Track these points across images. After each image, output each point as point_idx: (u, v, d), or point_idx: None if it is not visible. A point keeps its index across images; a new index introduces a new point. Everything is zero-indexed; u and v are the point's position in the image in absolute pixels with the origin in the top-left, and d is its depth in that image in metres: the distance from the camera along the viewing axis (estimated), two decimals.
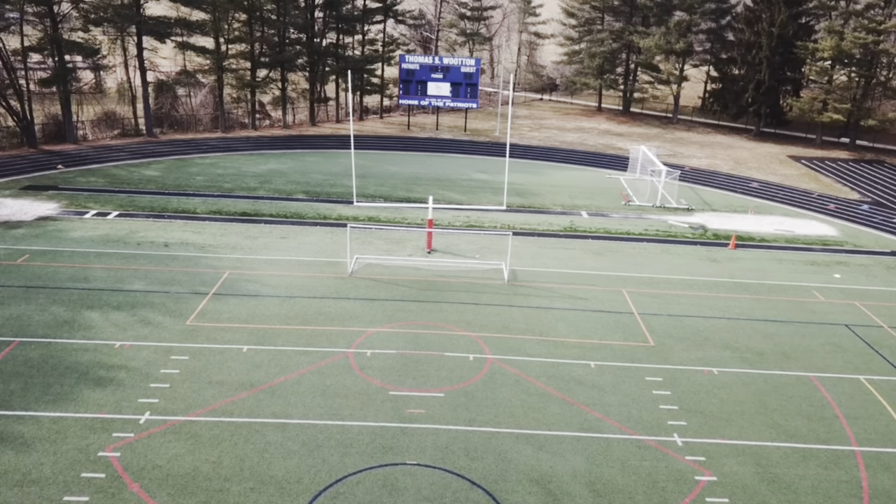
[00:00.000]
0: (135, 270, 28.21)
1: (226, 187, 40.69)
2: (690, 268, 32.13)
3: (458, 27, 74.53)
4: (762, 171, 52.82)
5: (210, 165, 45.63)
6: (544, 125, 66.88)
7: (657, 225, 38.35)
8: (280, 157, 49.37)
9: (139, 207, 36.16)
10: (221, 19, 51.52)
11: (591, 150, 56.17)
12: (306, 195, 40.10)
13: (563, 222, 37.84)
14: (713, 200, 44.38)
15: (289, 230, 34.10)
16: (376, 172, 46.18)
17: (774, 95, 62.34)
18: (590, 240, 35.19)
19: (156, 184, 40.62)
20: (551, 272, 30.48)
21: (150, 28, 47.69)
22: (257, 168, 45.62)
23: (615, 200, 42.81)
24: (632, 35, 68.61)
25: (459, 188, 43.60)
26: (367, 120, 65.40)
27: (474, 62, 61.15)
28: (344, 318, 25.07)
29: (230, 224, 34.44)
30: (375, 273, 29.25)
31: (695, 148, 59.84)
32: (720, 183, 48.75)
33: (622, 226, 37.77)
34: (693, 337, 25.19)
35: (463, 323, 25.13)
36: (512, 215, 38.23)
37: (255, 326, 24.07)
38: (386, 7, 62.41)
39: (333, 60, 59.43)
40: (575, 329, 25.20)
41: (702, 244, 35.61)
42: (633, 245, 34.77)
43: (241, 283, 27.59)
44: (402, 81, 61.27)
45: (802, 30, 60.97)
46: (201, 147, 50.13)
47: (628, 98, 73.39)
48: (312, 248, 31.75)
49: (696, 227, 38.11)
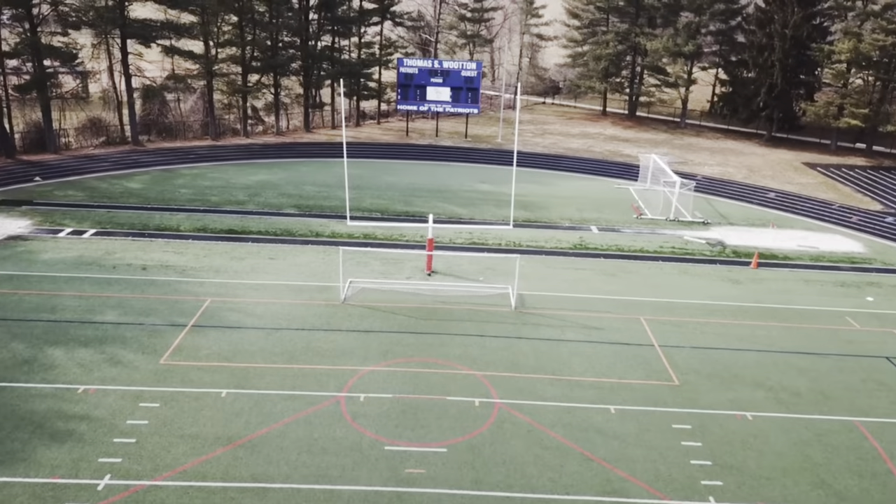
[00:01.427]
0: (108, 298, 25.80)
1: (213, 201, 38.27)
2: (711, 290, 29.74)
3: (459, 29, 72.12)
4: (777, 180, 50.44)
5: (197, 176, 43.21)
6: (548, 131, 64.49)
7: (672, 241, 35.96)
8: (272, 166, 46.96)
9: (118, 224, 33.74)
10: (211, 22, 49.12)
11: (597, 158, 53.79)
12: (298, 209, 37.69)
13: (573, 238, 35.46)
14: (729, 213, 41.99)
15: (278, 250, 31.69)
16: (373, 183, 43.79)
17: (787, 99, 59.96)
18: (601, 259, 32.80)
19: (138, 197, 38.20)
20: (562, 297, 28.09)
21: (135, 31, 45.27)
22: (247, 179, 43.20)
23: (626, 213, 40.42)
24: (638, 37, 66.24)
25: (461, 200, 41.21)
26: (364, 126, 62.99)
27: (475, 66, 58.81)
28: (335, 354, 22.67)
29: (215, 243, 32.02)
30: (371, 299, 26.86)
31: (705, 154, 57.47)
32: (735, 193, 46.37)
33: (635, 242, 35.38)
34: (721, 373, 22.81)
35: (467, 359, 22.73)
36: (518, 231, 35.85)
37: (237, 365, 21.67)
38: (383, 8, 59.99)
39: (328, 64, 57.03)
40: (591, 365, 22.81)
41: (721, 263, 33.23)
42: (648, 265, 32.37)
43: (224, 312, 25.19)
44: (401, 86, 58.91)
45: (817, 31, 58.60)
46: (189, 156, 47.72)
47: (634, 102, 71.01)
48: (303, 271, 29.35)
49: (713, 243, 35.72)
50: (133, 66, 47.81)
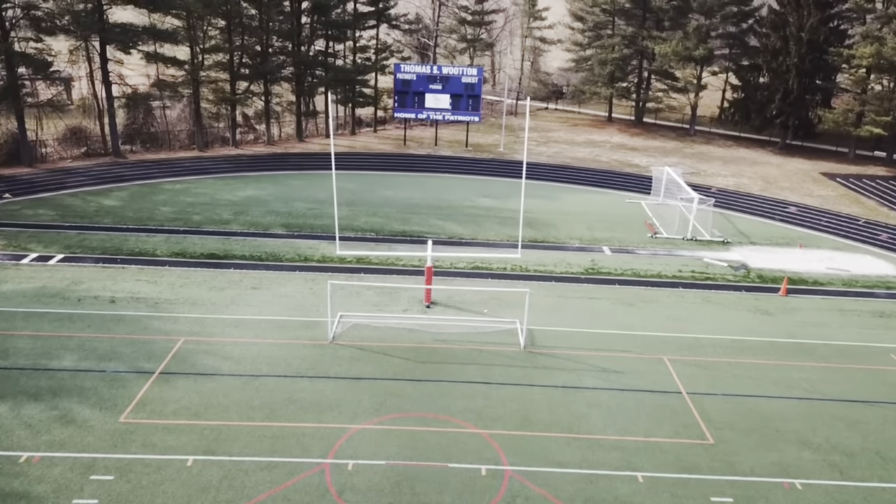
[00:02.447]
0: (68, 339, 23.01)
1: (195, 220, 35.46)
2: (739, 323, 26.97)
3: (459, 33, 69.33)
4: (796, 192, 47.71)
5: (180, 192, 40.40)
6: (552, 138, 61.74)
7: (692, 264, 33.20)
8: (261, 180, 44.15)
9: (89, 248, 30.93)
10: (196, 27, 46.34)
11: (605, 169, 51.04)
12: (286, 229, 34.89)
13: (584, 261, 32.69)
14: (749, 230, 39.23)
15: (262, 277, 28.89)
16: (368, 199, 41.01)
17: (803, 106, 57.23)
18: (616, 286, 30.02)
19: (114, 216, 35.38)
20: (576, 332, 25.32)
21: (114, 37, 42.45)
22: (234, 195, 40.40)
23: (640, 232, 37.65)
24: (645, 40, 63.51)
25: (462, 218, 38.43)
26: (359, 134, 60.22)
27: (476, 72, 55.97)
28: (321, 408, 19.89)
29: (194, 270, 29.22)
30: (363, 337, 24.08)
31: (718, 164, 54.73)
32: (752, 207, 43.61)
33: (652, 266, 32.61)
34: (760, 428, 20.05)
35: (471, 414, 19.95)
36: (524, 253, 33.03)
37: (208, 423, 18.88)
38: (379, 11, 57.21)
39: (322, 70, 54.23)
40: (612, 419, 20.04)
41: (747, 289, 30.47)
42: (667, 292, 29.60)
43: (197, 356, 22.39)
44: (398, 93, 56.04)
45: (834, 34, 55.90)
46: (173, 168, 44.91)
47: (641, 108, 68.27)
48: (289, 303, 26.55)
49: (736, 266, 32.96)
50: (114, 73, 45.01)
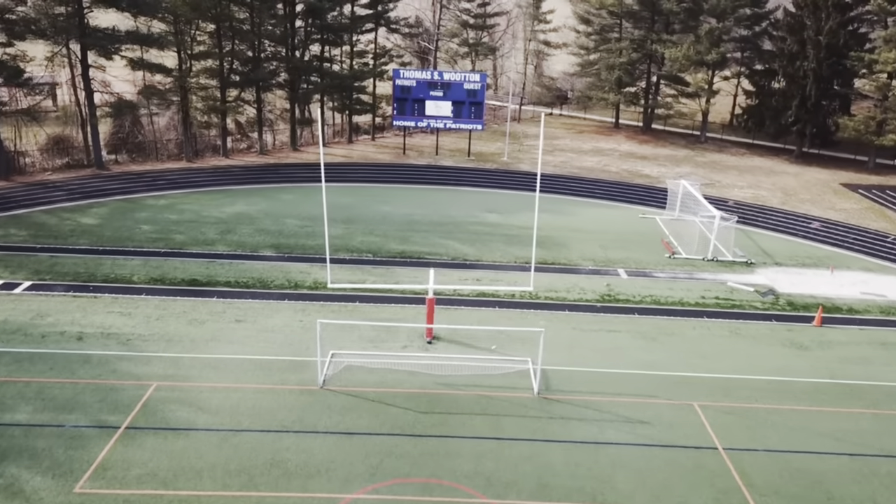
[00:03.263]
0: (26, 385, 20.47)
1: (177, 241, 32.88)
2: (773, 360, 24.42)
3: (461, 36, 66.76)
4: (817, 205, 45.16)
5: (164, 208, 37.81)
6: (558, 146, 59.19)
7: (715, 288, 30.63)
8: (251, 194, 41.57)
9: (60, 274, 28.36)
10: (184, 32, 43.78)
11: (615, 180, 48.48)
12: (276, 251, 32.32)
13: (599, 286, 30.13)
14: (772, 248, 36.67)
15: (248, 308, 26.32)
16: (365, 215, 38.45)
17: (821, 113, 54.70)
18: (636, 315, 27.45)
19: (90, 237, 32.80)
20: (594, 373, 22.77)
21: (95, 42, 39.90)
22: (221, 211, 37.82)
23: (656, 251, 35.09)
24: (655, 44, 60.97)
25: (465, 236, 35.86)
26: (357, 142, 57.68)
27: (479, 78, 53.32)
28: (308, 472, 17.32)
29: (173, 300, 26.65)
30: (357, 381, 21.53)
31: (733, 174, 52.18)
32: (773, 221, 41.06)
33: (672, 291, 30.04)
34: (811, 494, 17.50)
35: (481, 479, 17.38)
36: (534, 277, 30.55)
37: (177, 494, 16.32)
38: (377, 14, 54.71)
39: (317, 77, 51.68)
40: (641, 483, 17.49)
41: (777, 318, 27.91)
42: (691, 323, 27.03)
43: (170, 406, 19.84)
44: (397, 100, 53.35)
45: (854, 39, 53.38)
46: (158, 182, 42.35)
47: (650, 114, 65.72)
48: (275, 339, 23.99)
49: (764, 291, 30.39)
50: (96, 80, 42.48)
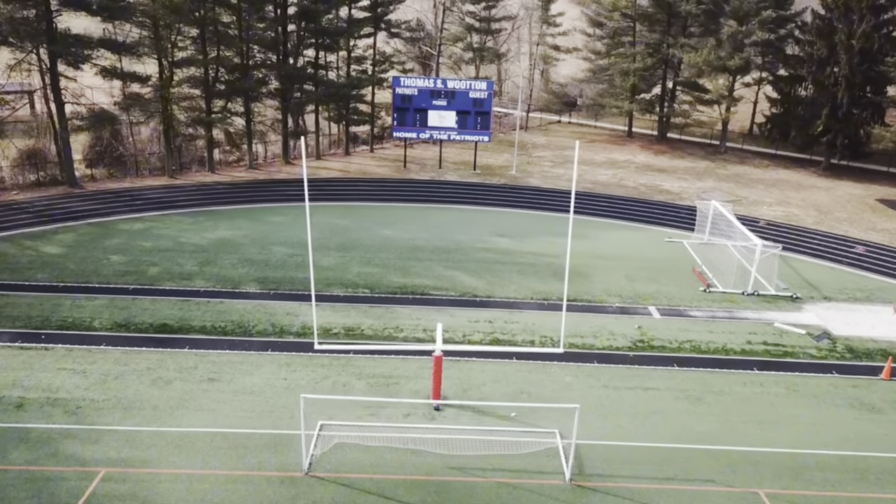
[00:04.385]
0: None
1: (150, 275, 29.09)
2: (842, 426, 20.64)
3: (465, 41, 62.98)
4: (855, 224, 41.39)
5: (139, 234, 34.03)
6: (568, 158, 55.37)
7: (761, 331, 26.82)
8: (237, 216, 37.78)
9: (8, 319, 24.58)
10: (163, 37, 40.02)
11: (633, 196, 44.71)
12: (261, 286, 28.53)
13: (629, 329, 26.33)
14: (816, 278, 32.88)
15: (224, 362, 22.53)
16: (363, 240, 34.68)
17: (854, 122, 50.94)
18: (675, 368, 23.66)
19: (51, 270, 29.01)
20: (635, 449, 18.99)
21: (64, 49, 36.15)
22: (202, 237, 34.04)
23: (689, 283, 31.28)
24: (671, 48, 57.23)
25: (474, 266, 32.08)
26: (354, 154, 53.91)
27: (486, 86, 49.29)
28: None
29: (137, 352, 22.87)
30: (350, 464, 17.75)
31: (759, 189, 48.41)
32: (811, 245, 37.29)
33: (713, 335, 26.24)
34: None
35: None
36: (553, 317, 26.83)
37: None
38: (376, 17, 50.97)
39: (311, 85, 47.93)
40: None
41: (838, 370, 24.12)
42: (740, 378, 23.23)
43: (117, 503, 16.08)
44: (397, 109, 49.34)
45: (889, 42, 49.64)
46: (136, 201, 38.59)
47: (665, 123, 61.93)
48: (254, 405, 20.21)
49: (817, 335, 26.58)
50: (67, 90, 38.74)
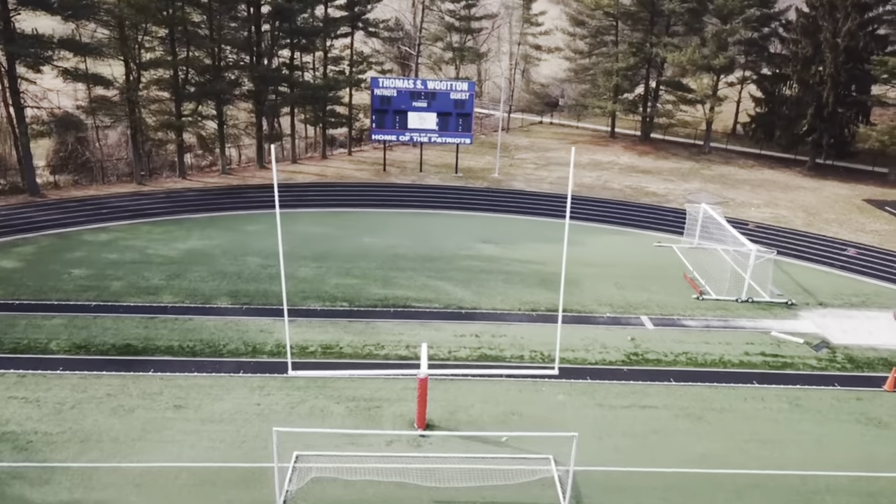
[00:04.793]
0: None
1: (113, 290, 27.33)
2: (850, 445, 19.56)
3: (445, 41, 61.58)
4: (844, 225, 40.68)
5: (104, 245, 32.19)
6: (552, 160, 54.29)
7: (758, 341, 25.75)
8: (208, 225, 36.06)
9: None
10: (129, 37, 38.16)
11: (619, 199, 43.67)
12: (233, 300, 26.91)
13: (621, 342, 25.11)
14: (810, 283, 31.94)
15: (191, 386, 20.94)
16: (342, 248, 33.17)
17: (839, 122, 50.33)
18: (672, 383, 22.47)
19: (6, 286, 27.15)
20: (634, 475, 17.73)
21: (22, 49, 34.20)
22: (171, 248, 32.30)
23: (681, 291, 30.15)
24: (655, 47, 56.31)
25: (459, 274, 30.70)
26: (332, 157, 52.31)
27: (467, 87, 47.77)
28: None
29: (97, 376, 21.20)
30: (328, 498, 16.31)
31: (745, 189, 47.62)
32: (801, 248, 36.42)
33: (709, 346, 25.11)
34: None
35: None
36: (542, 330, 25.56)
37: None
38: (354, 16, 49.42)
39: (286, 87, 46.28)
40: None
41: (840, 382, 23.09)
42: (741, 393, 22.09)
43: None
44: (375, 111, 47.69)
45: (876, 41, 49.10)
46: (101, 211, 36.73)
47: (649, 123, 61.03)
48: (224, 435, 18.65)
49: (816, 344, 25.55)
50: (28, 93, 36.78)
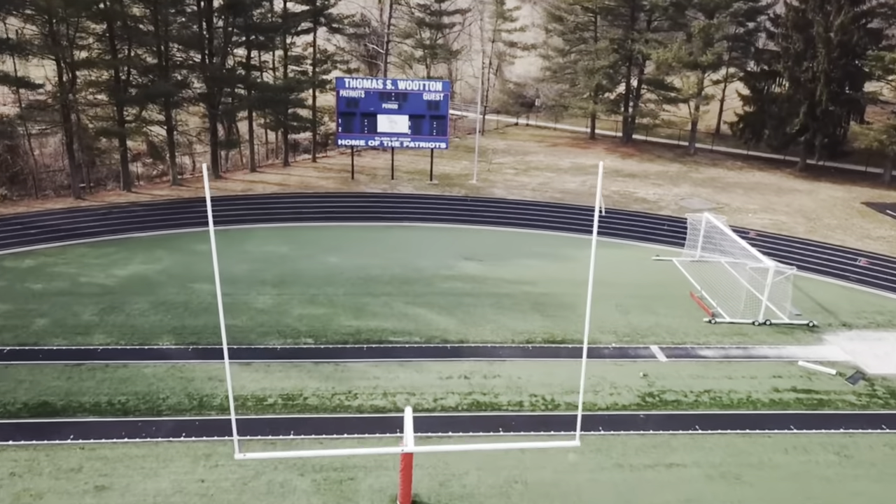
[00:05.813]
0: None
1: (35, 328, 23.11)
2: None
3: (415, 37, 57.94)
4: (849, 232, 38.07)
5: (27, 273, 27.85)
6: (532, 164, 51.04)
7: (785, 372, 22.59)
8: (155, 244, 31.86)
9: None
10: (58, 33, 33.77)
11: (609, 207, 40.43)
12: (177, 339, 22.89)
13: (633, 379, 21.72)
14: (827, 299, 28.99)
15: (119, 458, 16.92)
16: (305, 271, 29.29)
17: (833, 121, 47.92)
18: (699, 431, 19.11)
19: None
20: None
21: None
22: (109, 274, 28.08)
23: (690, 312, 26.91)
24: (637, 44, 53.42)
25: (440, 298, 27.06)
26: (295, 164, 48.29)
27: (442, 87, 43.90)
28: None
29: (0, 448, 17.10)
30: None
31: (738, 193, 44.88)
32: (809, 258, 33.61)
33: (732, 381, 21.85)
34: None
35: None
36: (541, 367, 22.08)
37: None
38: (315, 11, 45.51)
39: (243, 89, 42.16)
40: None
41: (886, 423, 20.00)
42: (779, 442, 18.81)
43: None
44: (341, 114, 43.53)
45: (869, 36, 46.78)
46: (29, 232, 32.31)
47: (631, 123, 58.16)
48: None
49: (851, 376, 22.47)
50: None
